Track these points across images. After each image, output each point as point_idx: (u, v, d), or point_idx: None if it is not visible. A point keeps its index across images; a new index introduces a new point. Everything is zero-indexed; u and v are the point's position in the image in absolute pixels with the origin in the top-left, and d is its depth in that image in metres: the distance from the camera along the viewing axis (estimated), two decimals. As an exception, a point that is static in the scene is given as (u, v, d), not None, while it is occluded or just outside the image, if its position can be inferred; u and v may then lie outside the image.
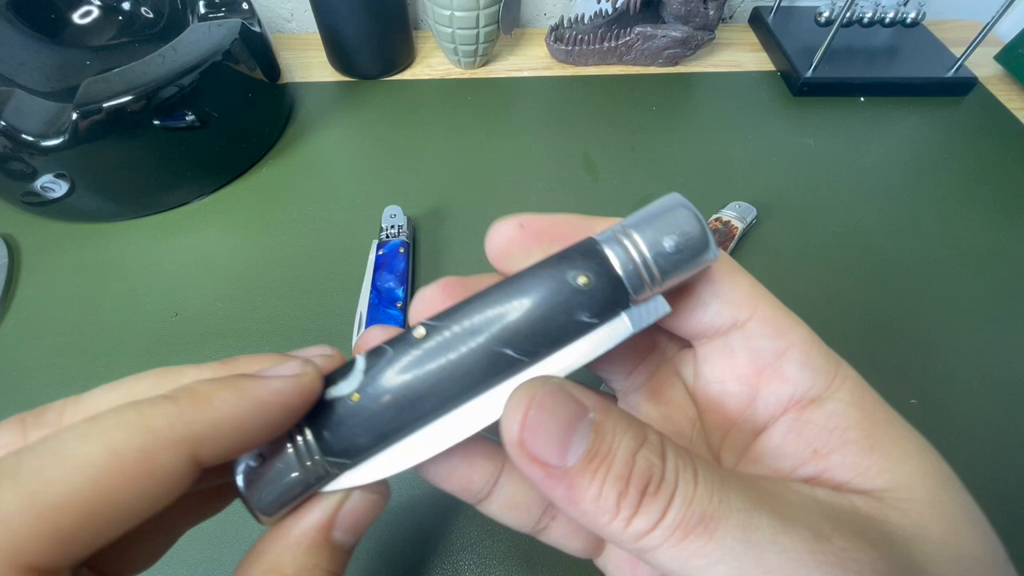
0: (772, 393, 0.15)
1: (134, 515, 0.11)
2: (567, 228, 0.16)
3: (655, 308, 0.15)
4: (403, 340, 0.14)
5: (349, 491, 0.15)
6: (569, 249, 0.14)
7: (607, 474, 0.12)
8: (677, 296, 0.16)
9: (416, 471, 0.16)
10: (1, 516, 0.10)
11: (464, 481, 0.18)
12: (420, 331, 0.14)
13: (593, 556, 0.19)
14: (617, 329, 0.14)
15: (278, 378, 0.14)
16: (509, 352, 0.14)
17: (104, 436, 0.11)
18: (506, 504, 0.18)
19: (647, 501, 0.12)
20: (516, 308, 0.14)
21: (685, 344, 0.18)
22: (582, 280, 0.14)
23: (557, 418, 0.12)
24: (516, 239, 0.16)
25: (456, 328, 0.14)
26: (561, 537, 0.19)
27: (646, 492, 0.12)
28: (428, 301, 0.16)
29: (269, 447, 0.14)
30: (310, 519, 0.14)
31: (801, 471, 0.14)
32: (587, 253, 0.14)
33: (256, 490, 0.14)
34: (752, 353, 0.15)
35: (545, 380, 0.13)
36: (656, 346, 0.19)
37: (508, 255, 0.16)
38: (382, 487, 0.16)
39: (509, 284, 0.14)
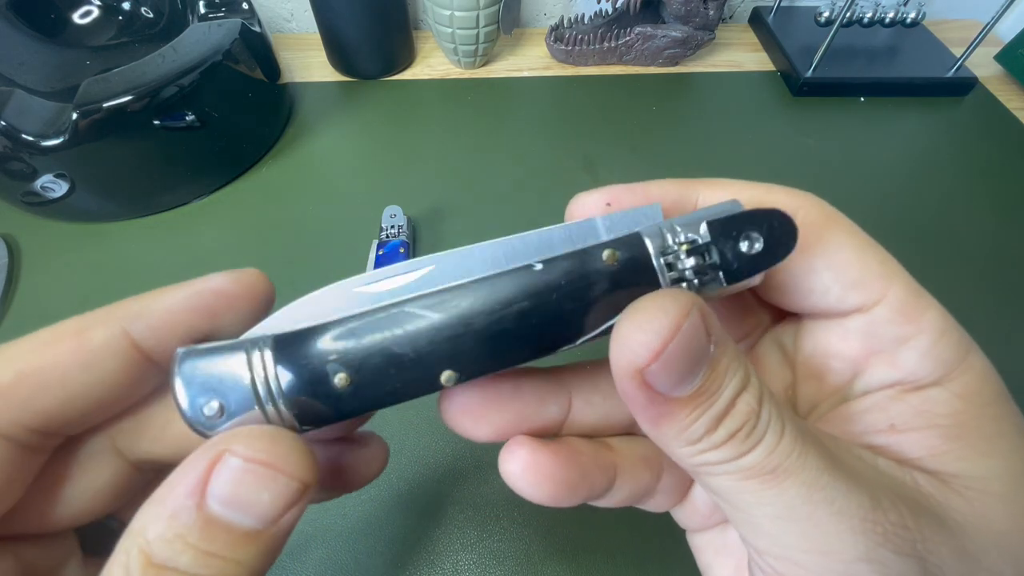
0: (879, 374, 0.14)
1: (84, 384, 0.13)
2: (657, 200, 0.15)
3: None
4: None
5: (243, 442, 0.11)
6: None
7: (706, 411, 0.12)
8: (780, 273, 0.15)
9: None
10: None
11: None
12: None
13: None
14: None
15: (221, 275, 0.14)
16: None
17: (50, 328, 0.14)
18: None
19: (734, 441, 0.12)
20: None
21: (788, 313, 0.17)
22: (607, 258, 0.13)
23: (692, 356, 0.11)
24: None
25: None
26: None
27: (736, 434, 0.12)
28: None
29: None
30: (177, 476, 0.11)
31: (870, 439, 0.14)
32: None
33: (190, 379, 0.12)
34: (870, 338, 0.14)
35: (689, 305, 0.11)
36: (751, 311, 0.18)
37: None
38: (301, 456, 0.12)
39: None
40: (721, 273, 0.13)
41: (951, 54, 0.57)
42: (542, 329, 0.13)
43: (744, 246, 0.13)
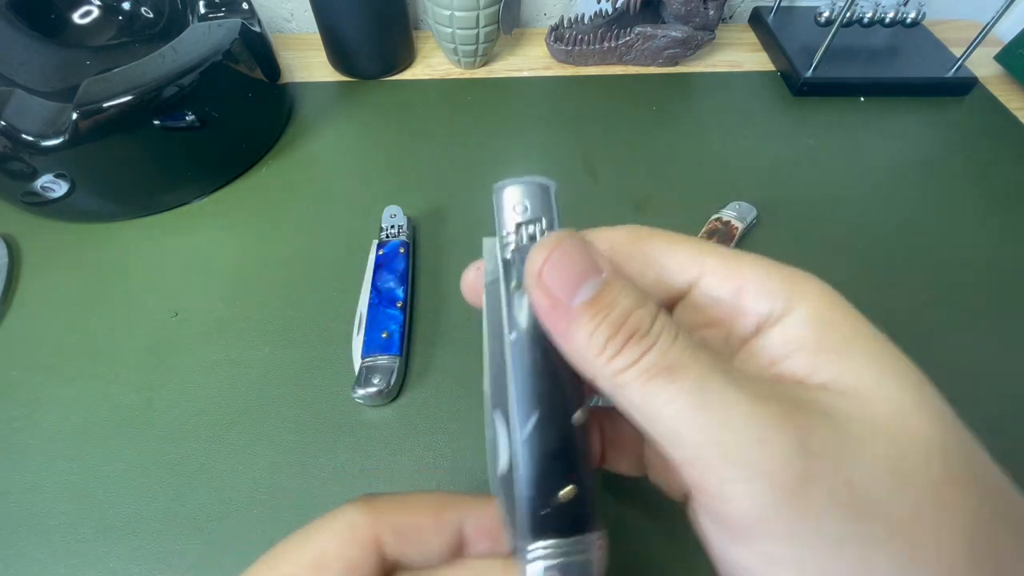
0: (741, 329, 0.16)
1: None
2: None
3: None
4: None
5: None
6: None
7: (603, 319, 0.15)
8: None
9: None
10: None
11: None
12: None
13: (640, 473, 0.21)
14: None
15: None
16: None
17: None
18: None
19: (630, 345, 0.14)
20: None
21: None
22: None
23: (575, 264, 0.15)
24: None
25: None
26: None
27: (631, 339, 0.14)
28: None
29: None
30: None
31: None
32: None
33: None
34: (713, 303, 0.17)
35: (572, 234, 0.16)
36: None
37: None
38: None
39: None
40: None
41: (951, 54, 0.57)
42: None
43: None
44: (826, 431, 0.13)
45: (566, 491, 0.16)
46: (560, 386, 0.16)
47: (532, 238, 0.16)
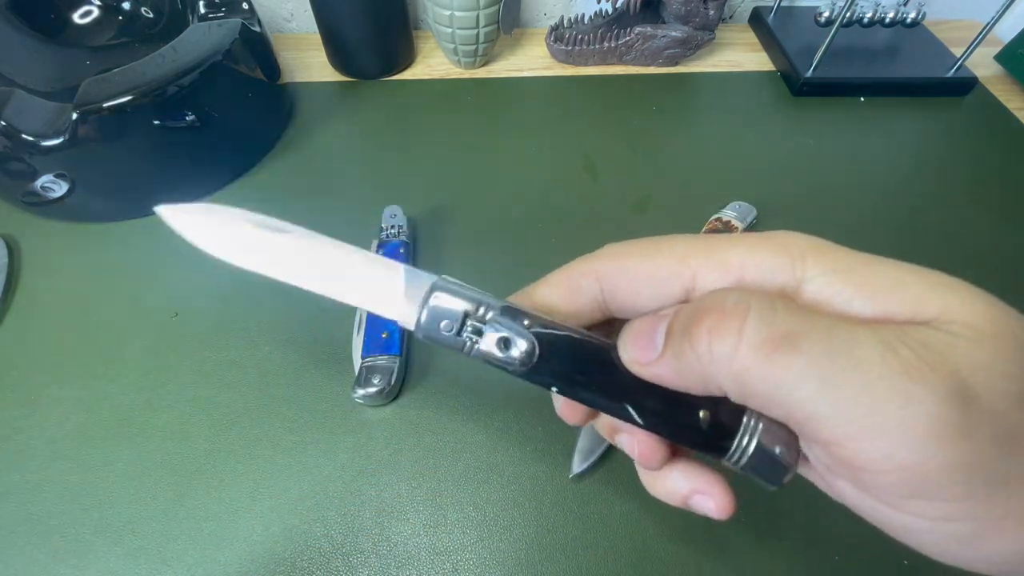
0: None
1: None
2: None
3: None
4: None
5: None
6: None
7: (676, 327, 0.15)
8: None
9: None
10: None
11: None
12: None
13: None
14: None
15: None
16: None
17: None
18: None
19: (715, 328, 0.14)
20: None
21: None
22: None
23: (638, 336, 0.16)
24: None
25: None
26: None
27: (720, 322, 0.14)
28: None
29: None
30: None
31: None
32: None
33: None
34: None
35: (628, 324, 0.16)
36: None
37: None
38: None
39: None
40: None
41: (951, 54, 0.57)
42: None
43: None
44: (960, 370, 0.12)
45: None
46: None
47: (481, 320, 0.17)
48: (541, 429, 0.34)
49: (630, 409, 0.16)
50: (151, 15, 0.50)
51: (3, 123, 0.37)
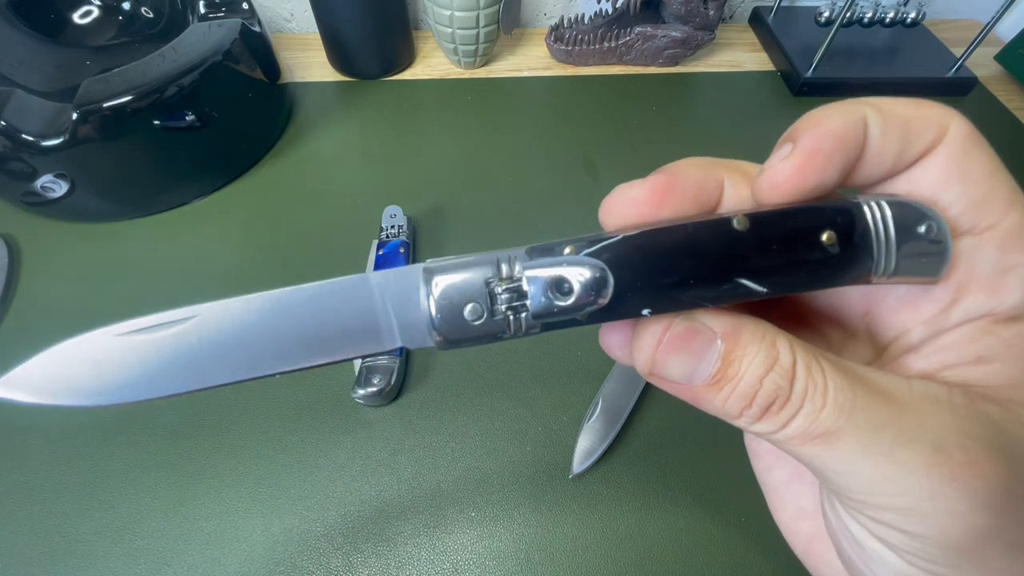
0: (976, 303, 0.14)
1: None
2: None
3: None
4: None
5: None
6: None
7: (731, 393, 0.13)
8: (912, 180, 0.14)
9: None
10: None
11: None
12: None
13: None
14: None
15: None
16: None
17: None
18: None
19: (770, 415, 0.13)
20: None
21: None
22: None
23: (682, 354, 0.14)
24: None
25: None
26: None
27: (769, 409, 0.13)
28: (631, 205, 0.15)
29: None
30: None
31: (951, 373, 0.14)
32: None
33: None
34: (974, 263, 0.14)
35: (672, 322, 0.14)
36: None
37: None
38: None
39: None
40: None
41: (951, 54, 0.57)
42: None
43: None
44: (999, 474, 0.13)
45: None
46: None
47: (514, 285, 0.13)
48: (541, 429, 0.34)
49: (747, 282, 0.13)
50: (151, 15, 0.50)
51: (3, 123, 0.37)
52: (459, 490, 0.32)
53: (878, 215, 0.13)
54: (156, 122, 0.40)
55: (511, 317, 0.13)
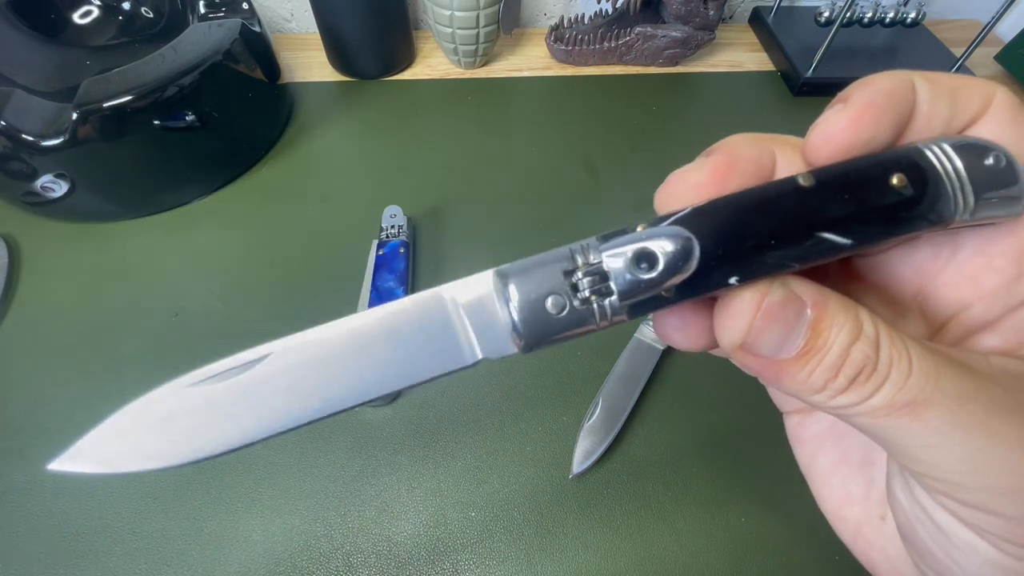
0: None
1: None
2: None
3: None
4: None
5: None
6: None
7: (818, 365, 0.13)
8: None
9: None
10: None
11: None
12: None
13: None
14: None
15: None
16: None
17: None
18: None
19: (856, 385, 0.13)
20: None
21: None
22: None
23: (778, 324, 0.13)
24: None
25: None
26: None
27: (856, 379, 0.13)
28: (694, 188, 0.15)
29: None
30: None
31: None
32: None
33: None
34: None
35: (769, 289, 0.13)
36: None
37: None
38: None
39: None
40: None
41: (951, 54, 0.57)
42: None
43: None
44: None
45: None
46: None
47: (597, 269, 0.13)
48: (541, 429, 0.34)
49: (828, 235, 0.13)
50: (151, 15, 0.50)
51: (3, 123, 0.37)
52: (459, 490, 0.32)
53: (941, 154, 0.13)
54: (156, 122, 0.40)
55: (595, 304, 0.12)
